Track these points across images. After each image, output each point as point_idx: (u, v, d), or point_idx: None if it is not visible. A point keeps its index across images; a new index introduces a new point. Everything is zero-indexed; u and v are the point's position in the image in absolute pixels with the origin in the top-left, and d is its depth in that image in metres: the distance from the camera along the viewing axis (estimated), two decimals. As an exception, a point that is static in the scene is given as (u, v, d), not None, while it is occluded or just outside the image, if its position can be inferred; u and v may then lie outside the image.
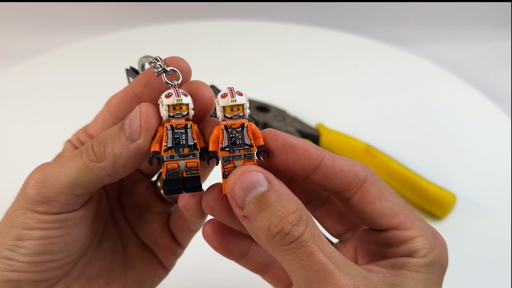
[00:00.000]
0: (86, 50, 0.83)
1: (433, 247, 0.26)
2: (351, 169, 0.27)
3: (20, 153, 0.63)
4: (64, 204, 0.27)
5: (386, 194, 0.27)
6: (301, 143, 0.26)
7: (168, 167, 0.26)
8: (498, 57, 0.92)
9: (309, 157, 0.26)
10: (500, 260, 0.52)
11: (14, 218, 0.27)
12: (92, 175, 0.26)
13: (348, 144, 0.61)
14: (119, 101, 0.29)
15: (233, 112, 0.25)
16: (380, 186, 0.27)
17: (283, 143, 0.26)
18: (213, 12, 0.97)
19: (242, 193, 0.24)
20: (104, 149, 0.26)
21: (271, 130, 0.26)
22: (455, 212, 0.56)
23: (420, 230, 0.26)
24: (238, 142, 0.26)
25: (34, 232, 0.27)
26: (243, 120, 0.26)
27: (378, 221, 0.27)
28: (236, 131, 0.26)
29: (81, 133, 0.32)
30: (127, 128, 0.26)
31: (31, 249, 0.27)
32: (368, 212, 0.27)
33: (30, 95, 0.73)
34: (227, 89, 0.26)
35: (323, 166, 0.26)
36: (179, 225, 0.35)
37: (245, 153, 0.26)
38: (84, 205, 0.29)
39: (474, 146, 0.66)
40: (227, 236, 0.30)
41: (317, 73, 0.79)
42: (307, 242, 0.23)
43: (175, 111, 0.25)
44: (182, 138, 0.26)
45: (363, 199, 0.27)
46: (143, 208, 0.35)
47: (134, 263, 0.34)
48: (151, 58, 0.27)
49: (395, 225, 0.27)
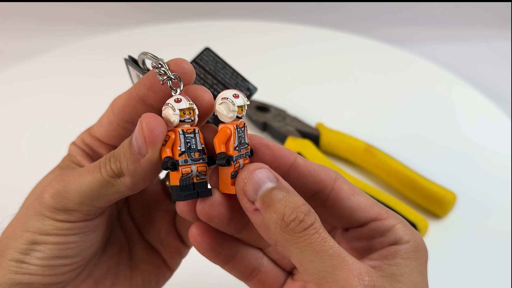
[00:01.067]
0: (86, 50, 0.83)
1: (413, 233, 0.28)
2: (322, 169, 0.28)
3: (20, 153, 0.63)
4: (85, 215, 0.27)
5: (357, 190, 0.29)
6: (275, 144, 0.28)
7: (183, 171, 0.25)
8: (498, 57, 0.92)
9: (283, 155, 0.27)
10: (500, 258, 0.51)
11: (29, 223, 0.27)
12: (114, 189, 0.27)
13: (348, 144, 0.61)
14: (124, 103, 0.29)
15: (243, 112, 0.26)
16: (350, 184, 0.29)
17: (259, 142, 0.27)
18: (213, 12, 0.97)
19: (253, 188, 0.25)
20: (120, 165, 0.26)
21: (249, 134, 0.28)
22: (455, 210, 0.56)
23: (396, 218, 0.28)
24: (242, 141, 0.26)
25: (51, 238, 0.27)
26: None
27: (356, 215, 0.28)
28: (242, 130, 0.26)
29: (85, 135, 0.32)
30: (134, 144, 0.26)
31: (46, 253, 0.27)
32: (346, 208, 0.28)
33: (30, 95, 0.73)
34: (235, 91, 0.26)
35: (297, 164, 0.27)
36: (186, 223, 0.35)
37: (247, 151, 0.27)
38: (102, 212, 0.29)
39: (474, 145, 0.66)
40: (216, 238, 0.29)
41: (317, 72, 0.79)
42: (319, 229, 0.24)
43: (185, 116, 0.25)
44: (193, 142, 0.26)
45: (338, 196, 0.28)
46: (151, 206, 0.35)
47: (140, 264, 0.34)
48: (153, 61, 0.27)
49: (373, 216, 0.28)
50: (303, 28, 0.89)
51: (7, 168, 0.61)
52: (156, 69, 0.26)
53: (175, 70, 0.27)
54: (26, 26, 0.93)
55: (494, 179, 0.61)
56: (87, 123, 0.32)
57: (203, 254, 0.29)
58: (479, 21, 0.98)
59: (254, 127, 0.66)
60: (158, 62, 0.26)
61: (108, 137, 0.31)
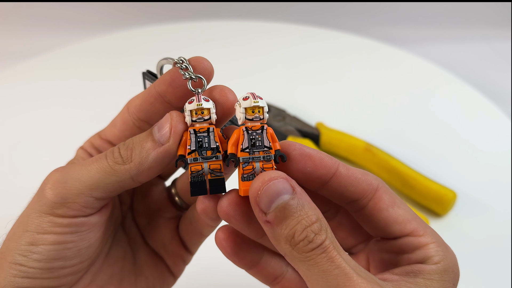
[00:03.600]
0: (86, 50, 0.83)
1: (446, 255, 0.26)
2: (365, 177, 0.28)
3: (20, 153, 0.63)
4: (82, 207, 0.27)
5: (397, 202, 0.28)
6: (317, 152, 0.27)
7: (192, 169, 0.27)
8: (498, 57, 0.92)
9: (326, 165, 0.27)
10: (500, 257, 0.51)
11: (28, 221, 0.27)
12: (115, 177, 0.27)
13: (348, 143, 0.61)
14: (142, 101, 0.29)
15: (254, 114, 0.26)
16: (392, 194, 0.28)
17: (301, 152, 0.27)
18: (213, 12, 0.97)
19: (267, 199, 0.24)
20: (131, 152, 0.27)
21: (288, 141, 0.27)
22: (455, 209, 0.56)
23: (433, 237, 0.27)
24: (258, 143, 0.26)
25: (48, 237, 0.27)
26: (263, 123, 0.27)
27: (392, 228, 0.28)
28: (256, 132, 0.26)
29: (95, 138, 0.32)
30: (156, 132, 0.27)
31: (44, 254, 0.27)
32: (383, 219, 0.28)
33: (30, 96, 0.73)
34: (248, 93, 0.27)
35: (339, 173, 0.27)
36: (190, 231, 0.35)
37: (264, 155, 0.26)
38: (100, 211, 0.29)
39: (474, 145, 0.66)
40: (240, 243, 0.30)
41: (317, 72, 0.79)
42: (327, 248, 0.24)
43: (197, 116, 0.27)
44: (205, 141, 0.27)
45: (377, 206, 0.27)
46: (155, 213, 0.35)
47: (144, 270, 0.34)
48: (175, 59, 0.28)
49: (409, 231, 0.27)
50: (303, 28, 0.89)
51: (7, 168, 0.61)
52: (178, 65, 0.27)
53: (195, 67, 0.28)
54: (26, 26, 0.93)
55: (494, 178, 0.61)
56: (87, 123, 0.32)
57: (227, 257, 0.30)
58: (479, 21, 0.98)
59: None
60: (180, 58, 0.27)
61: (121, 138, 0.31)
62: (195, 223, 0.34)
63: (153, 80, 0.31)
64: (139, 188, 0.35)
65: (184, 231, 0.35)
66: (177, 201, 0.35)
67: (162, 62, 0.30)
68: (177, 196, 0.35)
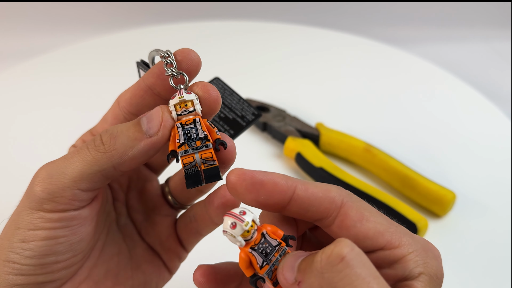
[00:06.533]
0: (86, 50, 0.83)
1: (426, 262, 0.25)
2: (326, 195, 0.26)
3: (20, 153, 0.63)
4: (70, 200, 0.27)
5: (366, 214, 0.26)
6: (270, 177, 0.25)
7: (185, 161, 0.27)
8: (498, 57, 0.92)
9: (281, 190, 0.25)
10: (500, 258, 0.51)
11: (19, 219, 0.27)
12: (97, 167, 0.27)
13: (348, 143, 0.61)
14: (131, 95, 0.30)
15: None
16: (359, 208, 0.26)
17: (252, 181, 0.25)
18: (213, 12, 0.97)
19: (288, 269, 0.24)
20: (115, 140, 0.27)
21: (240, 170, 0.25)
22: (454, 210, 0.56)
23: (409, 246, 0.25)
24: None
25: (40, 232, 0.27)
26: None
27: (364, 243, 0.25)
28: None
29: (86, 136, 0.32)
30: (145, 123, 0.27)
31: (36, 250, 0.27)
32: (352, 236, 0.25)
33: (30, 96, 0.73)
34: (230, 218, 0.25)
35: (296, 197, 0.25)
36: (188, 229, 0.35)
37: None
38: (90, 204, 0.29)
39: (474, 145, 0.66)
40: (219, 283, 0.29)
41: (317, 72, 0.79)
42: None
43: (181, 109, 0.27)
44: (193, 132, 0.27)
45: (343, 224, 0.26)
46: (151, 210, 0.36)
47: (141, 265, 0.34)
48: (162, 52, 0.28)
49: (382, 245, 0.25)
50: (303, 28, 0.89)
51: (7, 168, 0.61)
52: (163, 59, 0.28)
53: (182, 59, 0.28)
54: (26, 26, 0.93)
55: (493, 178, 0.61)
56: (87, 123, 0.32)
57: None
58: (479, 21, 0.98)
59: (254, 127, 0.66)
60: (166, 52, 0.28)
61: None
62: (194, 222, 0.34)
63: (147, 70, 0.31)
64: (134, 185, 0.35)
65: (182, 230, 0.35)
66: (170, 200, 0.35)
67: (153, 54, 0.30)
68: (170, 195, 0.35)
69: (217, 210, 0.31)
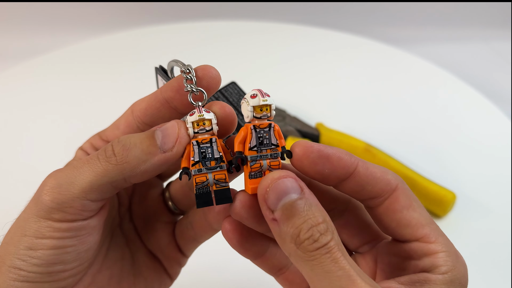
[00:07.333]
0: (87, 50, 0.83)
1: (455, 265, 0.26)
2: (383, 177, 0.27)
3: (20, 153, 0.63)
4: (79, 210, 0.27)
5: (414, 204, 0.27)
6: (335, 152, 0.26)
7: (197, 180, 0.26)
8: (498, 57, 0.92)
9: (344, 165, 0.26)
10: (500, 258, 0.52)
11: (26, 226, 0.27)
12: (107, 178, 0.26)
13: (348, 144, 0.61)
14: (147, 105, 0.29)
15: (262, 112, 0.26)
16: (409, 196, 0.27)
17: (319, 155, 0.26)
18: (213, 12, 0.97)
19: (275, 197, 0.24)
20: (128, 152, 0.26)
21: (306, 142, 0.26)
22: (455, 210, 0.56)
23: (444, 245, 0.26)
24: (265, 142, 0.26)
25: (48, 241, 0.27)
26: (270, 121, 0.27)
27: (403, 230, 0.27)
28: (264, 131, 0.26)
29: (95, 139, 0.32)
30: (159, 137, 0.26)
31: (43, 259, 0.27)
32: (395, 221, 0.27)
33: (30, 96, 0.73)
34: (256, 90, 0.26)
35: (357, 173, 0.27)
36: (185, 236, 0.35)
37: (271, 152, 0.26)
38: (98, 213, 0.29)
39: (474, 145, 0.66)
40: (246, 235, 0.30)
41: (317, 73, 0.79)
42: (332, 249, 0.23)
43: (199, 127, 0.27)
44: (208, 151, 0.27)
45: (391, 206, 0.27)
46: (152, 216, 0.35)
47: (143, 271, 0.34)
48: (183, 66, 0.27)
49: (420, 236, 0.27)
50: (303, 28, 0.89)
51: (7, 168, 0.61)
52: (183, 74, 0.27)
53: (203, 76, 0.27)
54: (26, 26, 0.93)
55: (493, 179, 0.61)
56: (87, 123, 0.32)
57: (234, 248, 0.30)
58: (479, 21, 0.98)
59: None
60: (187, 67, 0.27)
61: None
62: (191, 230, 0.34)
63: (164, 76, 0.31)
64: (138, 190, 0.35)
65: (180, 237, 0.35)
66: (170, 206, 0.35)
67: (172, 64, 0.30)
68: (170, 201, 0.35)
69: (218, 216, 0.31)
